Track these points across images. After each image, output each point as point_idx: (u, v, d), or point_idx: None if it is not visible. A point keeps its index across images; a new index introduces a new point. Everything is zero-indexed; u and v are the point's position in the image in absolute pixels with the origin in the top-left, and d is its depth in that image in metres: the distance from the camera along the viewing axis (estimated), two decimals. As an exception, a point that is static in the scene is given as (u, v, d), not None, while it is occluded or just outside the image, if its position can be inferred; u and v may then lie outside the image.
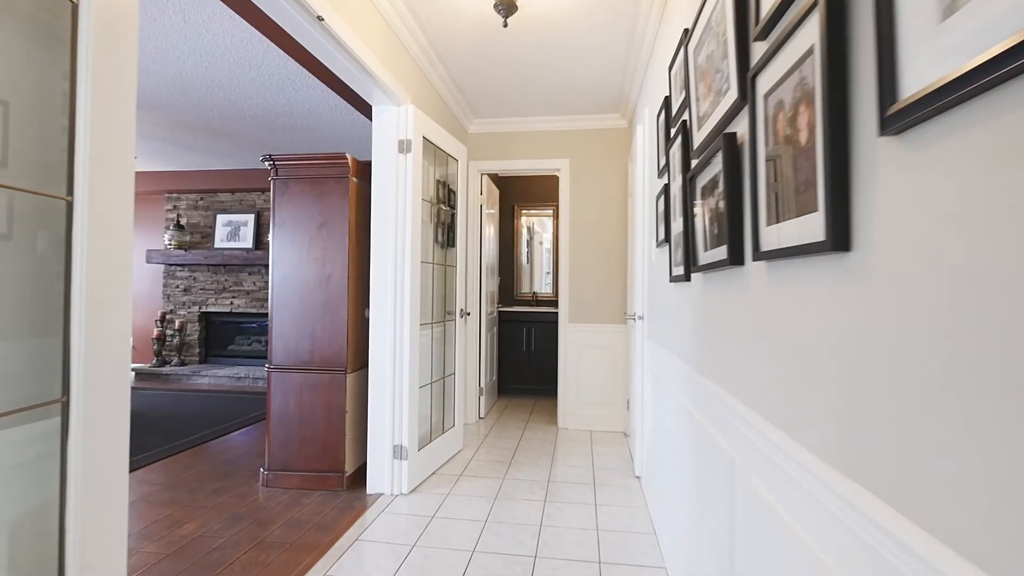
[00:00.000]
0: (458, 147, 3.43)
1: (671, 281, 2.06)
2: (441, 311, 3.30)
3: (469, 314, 3.45)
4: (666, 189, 2.18)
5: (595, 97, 3.73)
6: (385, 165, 2.74)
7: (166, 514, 2.48)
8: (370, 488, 2.73)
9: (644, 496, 2.72)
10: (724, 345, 1.33)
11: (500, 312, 5.21)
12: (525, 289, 5.81)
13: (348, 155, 2.81)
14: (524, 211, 5.85)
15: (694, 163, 1.64)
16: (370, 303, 2.76)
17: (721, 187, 1.25)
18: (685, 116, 1.80)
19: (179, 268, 6.67)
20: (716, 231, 1.33)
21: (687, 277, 1.77)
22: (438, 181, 3.29)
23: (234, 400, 5.01)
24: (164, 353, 6.55)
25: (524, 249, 5.85)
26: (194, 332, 6.68)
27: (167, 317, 6.64)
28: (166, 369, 6.26)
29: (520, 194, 5.82)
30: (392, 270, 2.71)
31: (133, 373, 6.39)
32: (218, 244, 6.52)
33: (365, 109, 3.13)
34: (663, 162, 2.29)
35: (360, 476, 2.90)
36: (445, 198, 3.39)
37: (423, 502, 2.62)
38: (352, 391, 2.86)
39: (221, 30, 2.82)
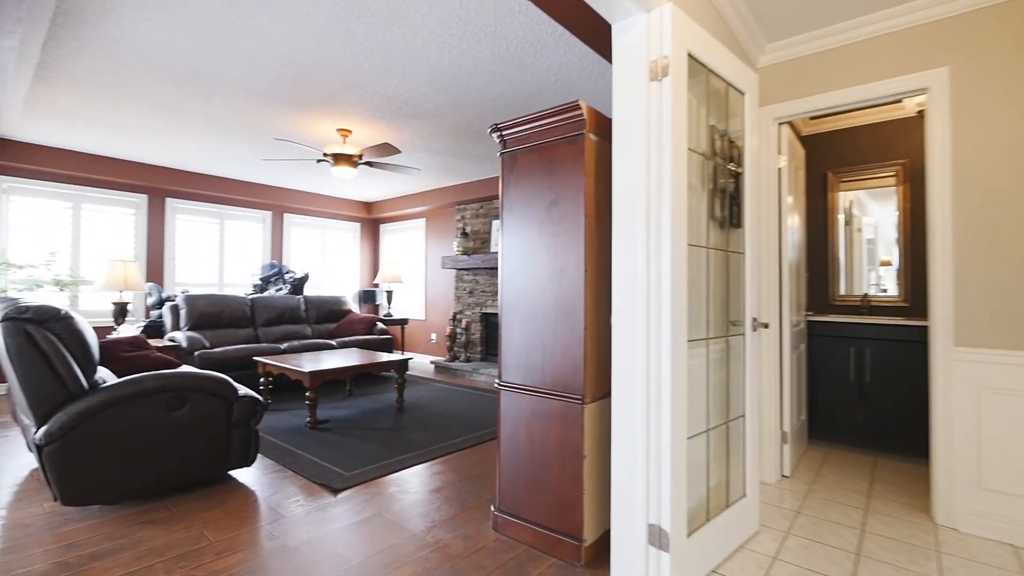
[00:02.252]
0: (743, 72, 2.20)
1: None
2: (721, 320, 2.13)
3: (767, 325, 2.18)
4: None
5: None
6: (629, 102, 1.78)
7: (391, 544, 2.10)
8: (613, 577, 1.80)
9: None
10: None
11: (809, 323, 3.57)
12: (845, 291, 3.92)
13: (582, 103, 1.97)
14: (843, 181, 3.97)
15: None
16: (612, 306, 1.85)
17: None
18: None
19: (465, 272, 7.13)
20: None
21: None
22: (714, 130, 2.14)
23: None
24: (455, 349, 7.08)
25: (841, 235, 3.97)
26: (476, 331, 7.04)
27: (457, 317, 7.18)
28: (455, 364, 6.71)
29: (836, 156, 3.98)
30: (642, 257, 1.73)
31: (433, 366, 7.11)
32: (493, 248, 6.70)
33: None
34: None
35: (604, 549, 2.00)
36: (725, 154, 2.20)
37: (695, 634, 1.54)
38: (592, 429, 1.99)
39: (446, -6, 2.38)
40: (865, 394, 3.31)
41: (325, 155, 4.34)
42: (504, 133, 2.24)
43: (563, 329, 2.04)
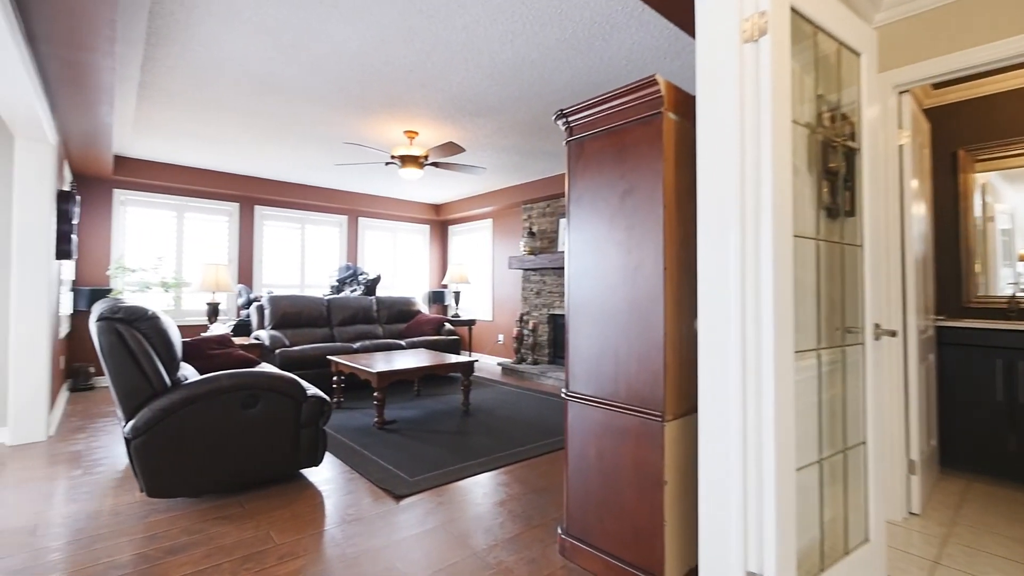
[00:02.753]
0: (858, 28, 1.82)
1: None
2: (834, 327, 1.77)
3: (894, 334, 1.78)
4: None
5: None
6: (717, 70, 1.50)
7: (451, 562, 1.96)
8: (701, 628, 1.53)
9: None
10: None
11: (938, 329, 2.99)
12: (984, 291, 3.27)
13: (659, 77, 1.71)
14: (979, 160, 3.31)
15: None
16: (698, 309, 1.57)
17: None
18: None
19: (532, 272, 6.96)
20: None
21: None
22: (821, 101, 1.79)
23: (566, 407, 4.60)
24: (522, 351, 6.94)
25: (978, 224, 3.32)
26: (544, 333, 6.84)
27: (524, 318, 7.03)
28: (522, 366, 6.56)
29: (970, 130, 3.33)
30: (735, 251, 1.45)
31: (500, 367, 7.01)
32: (560, 247, 6.47)
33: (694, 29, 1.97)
34: None
35: (687, 589, 1.73)
36: (836, 130, 1.84)
37: None
38: (674, 450, 1.73)
39: (508, -27, 2.21)
40: (1018, 416, 2.70)
41: (393, 157, 4.37)
42: (570, 119, 2.03)
43: (638, 334, 1.79)
